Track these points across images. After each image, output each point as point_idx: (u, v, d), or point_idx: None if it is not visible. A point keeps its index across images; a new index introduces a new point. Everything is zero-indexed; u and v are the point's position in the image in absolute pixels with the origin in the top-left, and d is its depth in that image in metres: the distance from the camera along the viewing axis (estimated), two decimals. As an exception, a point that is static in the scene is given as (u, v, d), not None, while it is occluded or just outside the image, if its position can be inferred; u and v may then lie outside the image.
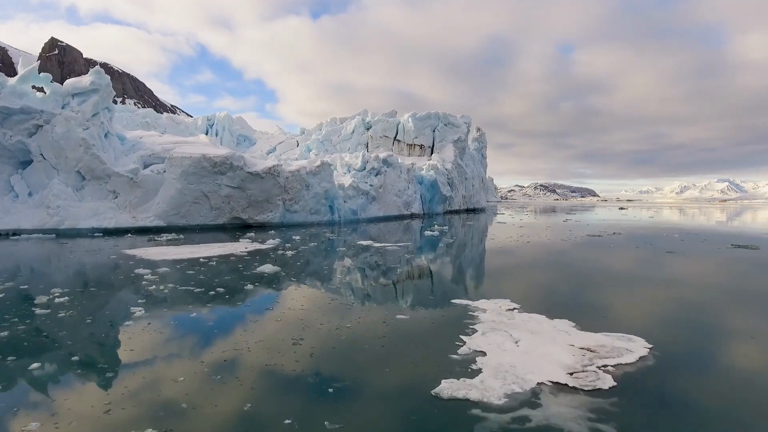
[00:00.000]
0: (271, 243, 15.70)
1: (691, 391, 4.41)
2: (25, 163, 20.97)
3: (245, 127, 59.10)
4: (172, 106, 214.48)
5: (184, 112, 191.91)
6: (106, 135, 22.25)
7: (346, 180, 29.54)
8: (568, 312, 7.07)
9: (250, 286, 8.80)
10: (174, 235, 18.07)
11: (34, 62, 22.05)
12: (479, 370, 4.61)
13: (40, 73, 21.44)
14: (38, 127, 20.49)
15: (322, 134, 48.44)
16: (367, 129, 46.85)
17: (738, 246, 17.52)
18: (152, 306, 7.26)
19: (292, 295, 8.26)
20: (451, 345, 5.42)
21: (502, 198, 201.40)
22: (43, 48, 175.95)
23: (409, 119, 44.96)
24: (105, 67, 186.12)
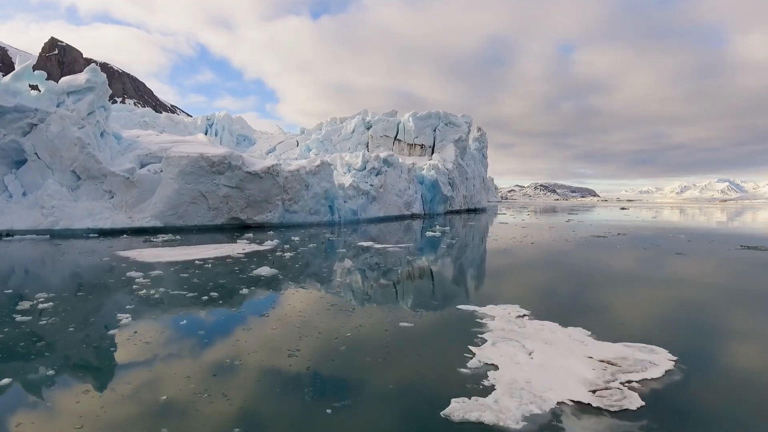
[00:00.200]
0: (270, 244, 15.31)
1: (728, 413, 4.00)
2: (19, 163, 20.58)
3: (245, 126, 58.74)
4: (172, 106, 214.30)
5: (184, 112, 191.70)
6: (102, 134, 21.86)
7: (346, 180, 29.14)
8: (582, 319, 6.66)
9: (246, 290, 8.40)
10: (170, 236, 17.67)
11: (34, 62, 21.67)
12: (492, 387, 4.20)
13: (35, 71, 21.05)
14: (32, 125, 20.10)
15: (322, 134, 48.04)
16: (368, 128, 46.45)
17: (747, 247, 17.11)
18: (140, 313, 6.86)
19: (290, 300, 7.86)
20: (460, 357, 5.01)
21: (502, 198, 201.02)
22: (43, 48, 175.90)
23: (410, 119, 44.56)
24: (105, 67, 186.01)
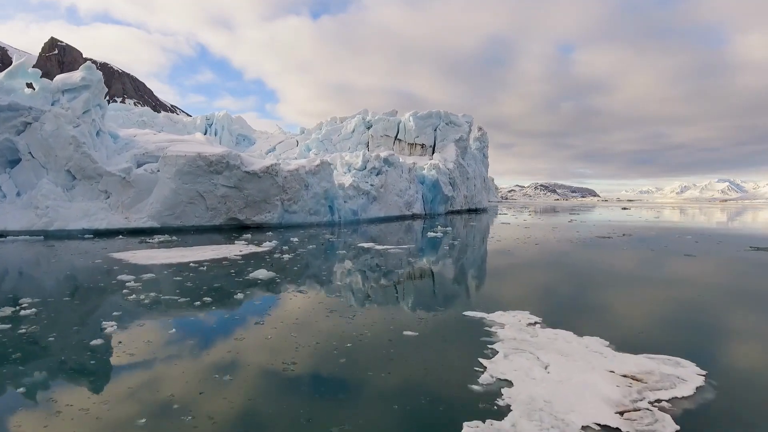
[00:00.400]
0: (268, 245, 14.92)
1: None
2: (13, 162, 20.19)
3: (244, 126, 58.33)
4: (172, 106, 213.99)
5: (184, 112, 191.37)
6: (97, 133, 21.47)
7: (347, 180, 28.75)
8: (598, 327, 6.25)
9: (241, 294, 8.00)
10: (167, 237, 17.28)
11: (34, 62, 21.31)
12: (507, 408, 3.80)
13: (29, 69, 20.67)
14: (27, 124, 19.72)
15: (322, 133, 47.64)
16: (368, 128, 46.05)
17: (758, 248, 16.71)
18: (127, 320, 6.46)
19: (287, 306, 7.46)
20: (470, 371, 4.61)
21: (502, 198, 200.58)
22: (42, 48, 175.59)
23: (411, 118, 44.16)
24: (105, 67, 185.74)
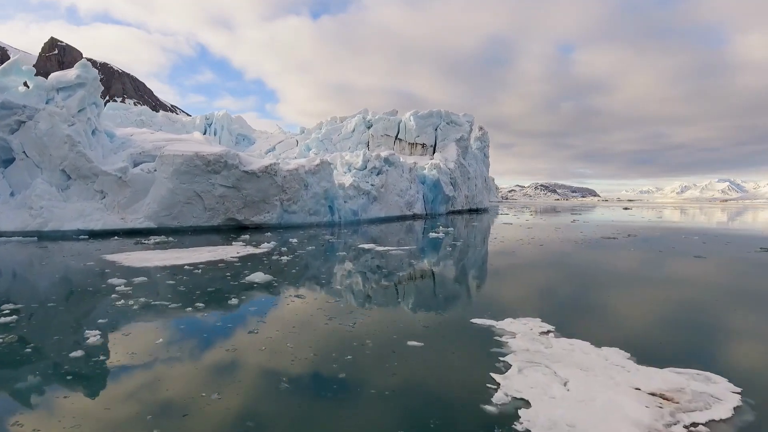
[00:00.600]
0: (266, 247, 14.53)
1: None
2: (7, 162, 19.81)
3: (244, 126, 57.96)
4: (172, 106, 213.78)
5: (184, 112, 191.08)
6: (93, 132, 21.09)
7: (347, 179, 28.36)
8: (615, 336, 5.86)
9: (235, 300, 7.60)
10: (163, 238, 16.89)
11: (34, 62, 20.96)
12: (527, 433, 3.42)
13: (23, 67, 20.28)
14: (20, 123, 19.34)
15: (322, 133, 47.25)
16: (368, 127, 45.66)
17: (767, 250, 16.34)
18: (113, 329, 6.07)
19: (283, 313, 7.07)
20: (482, 388, 4.21)
21: (503, 198, 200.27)
22: (42, 48, 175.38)
23: (411, 118, 43.77)
24: (105, 67, 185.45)
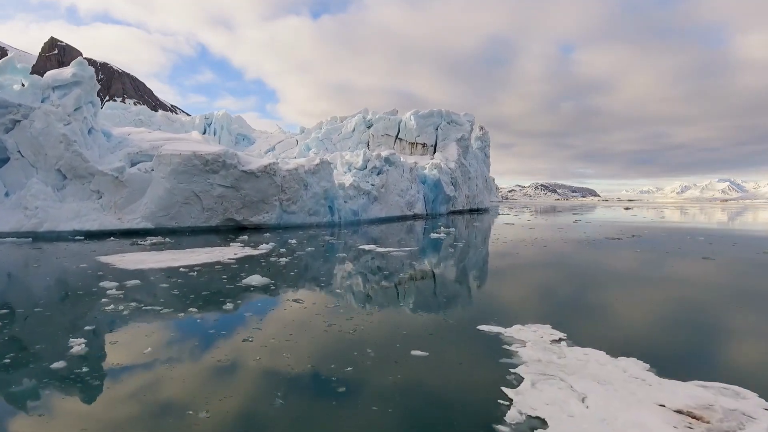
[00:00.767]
0: (265, 248, 14.21)
1: None
2: (2, 161, 19.50)
3: (244, 126, 57.66)
4: (172, 106, 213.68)
5: (184, 112, 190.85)
6: (89, 131, 20.78)
7: (347, 179, 28.04)
8: (631, 344, 5.53)
9: (230, 304, 7.28)
10: (160, 239, 16.59)
11: (33, 62, 20.68)
12: (545, 458, 3.11)
13: (18, 65, 19.99)
14: (15, 122, 19.04)
15: (322, 133, 46.95)
16: (369, 127, 45.36)
17: (776, 251, 16.00)
18: (99, 336, 5.75)
19: (281, 319, 6.75)
20: (493, 405, 3.90)
21: (503, 198, 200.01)
22: (42, 48, 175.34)
23: (412, 117, 43.48)
24: (105, 67, 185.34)
